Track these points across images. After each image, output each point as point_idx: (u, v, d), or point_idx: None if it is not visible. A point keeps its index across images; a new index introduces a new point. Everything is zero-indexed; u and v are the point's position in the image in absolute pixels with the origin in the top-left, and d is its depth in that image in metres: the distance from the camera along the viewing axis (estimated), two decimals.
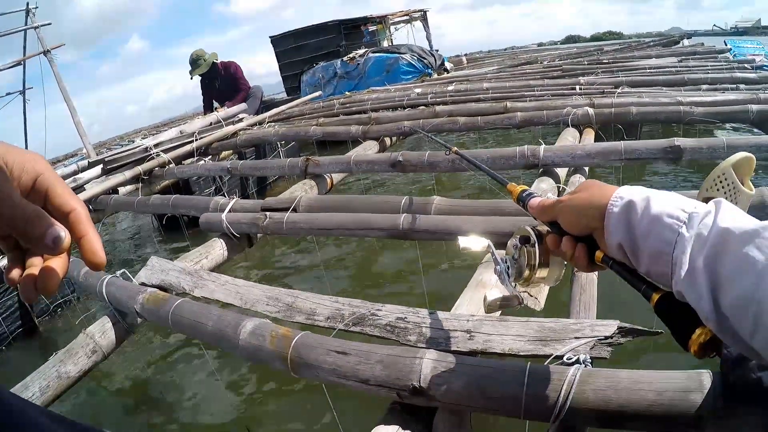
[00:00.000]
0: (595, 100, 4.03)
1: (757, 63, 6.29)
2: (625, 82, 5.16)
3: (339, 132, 4.54)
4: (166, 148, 4.68)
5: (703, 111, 3.46)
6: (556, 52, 12.24)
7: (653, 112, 3.63)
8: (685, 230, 0.64)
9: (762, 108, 3.39)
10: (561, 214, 0.83)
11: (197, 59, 7.52)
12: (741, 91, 4.30)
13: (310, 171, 3.38)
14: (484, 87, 5.83)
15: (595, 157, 2.69)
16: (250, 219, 2.58)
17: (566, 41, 40.75)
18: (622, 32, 43.86)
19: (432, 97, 5.62)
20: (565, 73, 6.63)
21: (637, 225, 0.70)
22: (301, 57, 12.72)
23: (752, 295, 0.54)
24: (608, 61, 7.56)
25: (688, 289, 0.63)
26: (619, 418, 1.00)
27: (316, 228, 2.43)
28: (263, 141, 5.15)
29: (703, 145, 2.60)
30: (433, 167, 2.97)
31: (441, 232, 2.12)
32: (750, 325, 0.55)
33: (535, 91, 5.13)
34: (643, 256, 0.71)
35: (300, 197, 2.65)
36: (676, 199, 0.69)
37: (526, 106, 4.23)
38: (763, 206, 1.93)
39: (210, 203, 2.87)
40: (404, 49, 10.42)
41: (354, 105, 6.02)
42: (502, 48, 22.96)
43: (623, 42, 15.01)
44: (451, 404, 1.14)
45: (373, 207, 2.44)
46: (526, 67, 8.42)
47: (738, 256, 0.57)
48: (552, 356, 1.19)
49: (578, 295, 1.59)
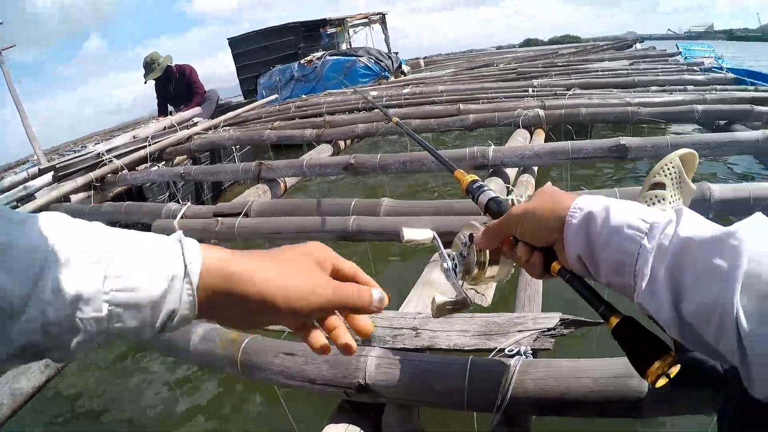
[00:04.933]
0: (546, 101, 4.11)
1: (706, 66, 6.42)
2: (577, 84, 5.26)
3: (293, 135, 4.53)
4: (119, 154, 4.57)
5: (650, 111, 3.56)
6: (513, 56, 12.32)
7: (602, 113, 3.72)
8: (646, 241, 0.63)
9: (707, 108, 3.49)
10: (516, 227, 0.80)
11: (151, 63, 7.39)
12: (688, 92, 4.39)
13: (263, 175, 3.37)
14: (439, 90, 5.86)
15: (543, 157, 2.74)
16: (203, 225, 2.56)
17: (524, 44, 40.98)
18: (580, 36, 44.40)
19: (387, 99, 5.65)
20: (519, 76, 6.72)
21: (596, 236, 0.69)
22: (259, 59, 12.57)
23: (715, 302, 0.54)
24: (562, 64, 7.69)
25: (649, 299, 0.63)
26: (560, 405, 1.03)
27: (268, 232, 2.43)
28: (218, 145, 5.09)
29: (647, 143, 2.67)
30: (385, 169, 3.00)
31: (389, 233, 2.14)
32: (715, 332, 0.55)
33: (489, 93, 5.19)
34: (603, 268, 0.70)
35: (252, 202, 2.64)
36: (637, 209, 0.68)
37: (478, 108, 4.28)
38: (703, 200, 2.01)
39: (162, 210, 2.84)
40: (362, 52, 10.41)
41: (310, 108, 6.01)
42: (462, 51, 22.99)
43: (579, 45, 15.18)
44: (397, 400, 1.16)
45: (323, 210, 2.45)
46: (483, 70, 8.51)
47: (700, 264, 0.57)
48: (496, 349, 1.21)
49: (523, 290, 1.61)
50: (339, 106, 5.77)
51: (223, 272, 0.56)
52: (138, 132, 5.53)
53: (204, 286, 0.55)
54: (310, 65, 10.08)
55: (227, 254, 0.58)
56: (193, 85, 7.68)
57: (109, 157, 4.43)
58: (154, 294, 0.52)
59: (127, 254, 0.52)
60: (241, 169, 3.54)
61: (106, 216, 3.34)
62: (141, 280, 0.51)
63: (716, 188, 2.05)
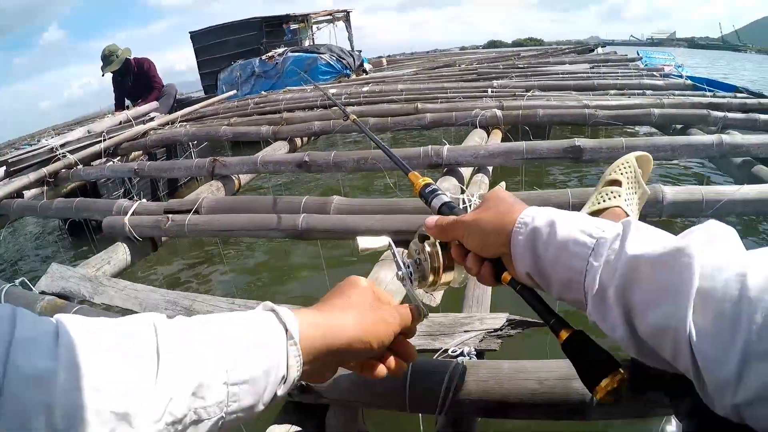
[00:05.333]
0: (504, 102, 4.11)
1: (665, 72, 6.51)
2: (536, 86, 5.29)
3: (249, 132, 4.47)
4: (73, 149, 4.44)
5: (607, 114, 3.58)
6: (476, 56, 12.37)
7: (559, 114, 3.74)
8: (593, 258, 0.62)
9: (664, 112, 3.55)
10: (464, 236, 0.79)
11: (110, 55, 7.21)
12: (647, 96, 4.45)
13: (217, 172, 3.31)
14: (399, 88, 5.85)
15: (498, 156, 2.74)
16: (153, 222, 2.50)
17: (488, 46, 41.38)
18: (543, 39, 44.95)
19: (346, 97, 5.61)
20: (480, 77, 6.73)
21: (543, 253, 0.68)
22: (221, 54, 12.40)
23: (668, 322, 0.53)
24: (523, 66, 7.71)
25: (602, 319, 0.62)
26: (504, 407, 1.01)
27: (217, 229, 2.39)
28: (174, 141, 5.00)
29: (602, 145, 2.69)
30: (339, 167, 2.97)
31: (339, 232, 2.12)
32: (671, 350, 0.54)
33: (448, 93, 5.19)
34: (554, 285, 0.69)
35: (202, 199, 2.60)
36: (583, 223, 0.66)
37: (436, 108, 4.27)
38: (656, 202, 2.02)
39: (113, 206, 2.78)
40: (323, 49, 10.37)
41: (268, 105, 5.94)
42: (426, 51, 23.10)
43: (541, 48, 15.32)
44: (339, 401, 1.13)
45: (275, 207, 2.42)
46: (444, 70, 8.51)
47: (650, 284, 0.56)
48: (440, 350, 1.20)
49: (471, 289, 1.61)
50: (298, 103, 5.71)
51: (318, 328, 0.63)
52: (93, 126, 5.37)
53: (305, 345, 0.61)
54: (271, 61, 10.00)
55: (312, 313, 0.66)
56: (152, 79, 7.56)
57: (62, 151, 4.30)
58: (266, 366, 0.56)
59: (231, 340, 0.56)
60: (194, 166, 3.48)
61: (58, 212, 3.28)
62: (251, 359, 0.55)
63: (669, 190, 2.07)
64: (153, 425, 0.45)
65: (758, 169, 2.76)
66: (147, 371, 0.47)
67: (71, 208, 3.10)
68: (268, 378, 0.56)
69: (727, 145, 2.68)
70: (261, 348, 0.57)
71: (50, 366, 0.43)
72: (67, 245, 5.01)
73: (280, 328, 0.60)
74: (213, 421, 0.51)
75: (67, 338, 0.45)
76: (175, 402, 0.48)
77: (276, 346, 0.58)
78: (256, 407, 0.56)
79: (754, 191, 2.06)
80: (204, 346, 0.53)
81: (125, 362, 0.47)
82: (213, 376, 0.51)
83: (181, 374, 0.49)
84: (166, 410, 0.47)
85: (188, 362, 0.50)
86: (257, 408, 0.57)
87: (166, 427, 0.47)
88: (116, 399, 0.44)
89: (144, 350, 0.49)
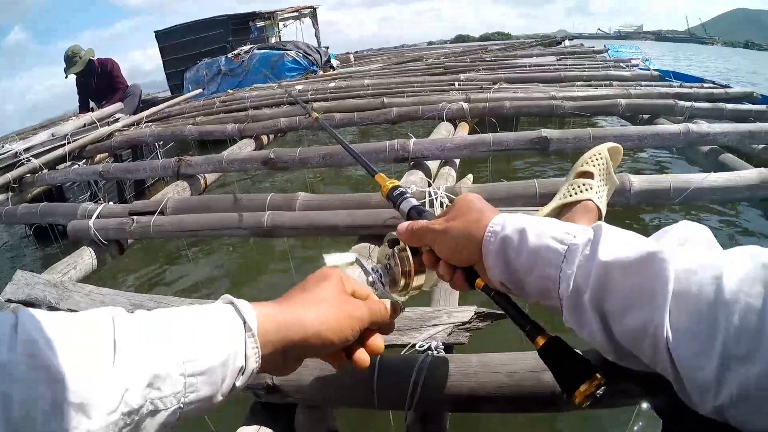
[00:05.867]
0: (471, 95, 4.12)
1: (632, 63, 6.56)
2: (503, 78, 5.31)
3: (215, 131, 4.42)
4: (38, 153, 4.36)
5: (574, 105, 3.60)
6: (443, 51, 12.39)
7: (526, 106, 3.74)
8: (566, 265, 0.62)
9: (630, 102, 3.60)
10: (435, 244, 0.78)
11: (73, 56, 7.07)
12: (614, 87, 4.48)
13: (183, 172, 3.25)
14: (365, 84, 5.84)
15: (464, 149, 2.73)
16: (117, 224, 2.45)
17: (456, 41, 41.61)
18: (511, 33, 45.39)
19: (312, 93, 5.58)
20: (447, 71, 6.74)
21: (515, 262, 0.68)
22: (187, 53, 12.21)
23: (645, 327, 0.53)
24: (490, 60, 7.73)
25: (579, 326, 0.62)
26: (473, 401, 1.00)
27: (182, 230, 2.35)
28: (139, 142, 4.91)
29: (569, 136, 2.70)
30: (305, 163, 2.94)
31: (305, 228, 2.10)
32: (649, 354, 0.55)
33: (415, 87, 5.20)
34: (528, 292, 0.69)
35: (167, 199, 2.55)
36: (553, 229, 0.66)
37: (403, 102, 4.27)
38: (623, 191, 2.04)
39: (78, 210, 2.73)
40: (290, 46, 10.32)
41: (234, 103, 5.89)
42: (394, 47, 23.14)
43: (508, 42, 15.39)
44: (307, 400, 1.11)
45: (240, 206, 2.38)
46: (410, 65, 8.49)
47: (625, 290, 0.56)
48: (408, 345, 1.18)
49: (440, 283, 1.59)
50: (265, 100, 5.67)
51: (275, 322, 0.63)
52: (57, 129, 5.26)
53: (262, 338, 0.61)
54: (237, 59, 9.94)
55: (270, 306, 0.65)
56: (116, 80, 7.43)
57: (26, 156, 4.21)
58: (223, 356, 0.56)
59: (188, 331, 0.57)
60: (160, 166, 3.42)
61: (22, 218, 3.20)
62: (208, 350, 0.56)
63: (636, 179, 2.08)
64: (108, 416, 0.46)
65: (725, 157, 2.79)
66: (103, 362, 0.48)
67: (36, 213, 3.03)
68: (226, 369, 0.57)
69: (694, 134, 2.70)
70: (219, 339, 0.57)
71: (8, 357, 0.43)
72: (34, 251, 4.92)
73: (238, 320, 0.60)
74: (170, 411, 0.52)
75: (26, 331, 0.46)
76: (131, 392, 0.48)
77: (234, 337, 0.58)
78: (215, 398, 0.57)
79: (722, 179, 2.08)
80: (161, 338, 0.53)
81: (82, 354, 0.47)
82: (169, 367, 0.52)
83: (136, 365, 0.49)
84: (122, 400, 0.47)
85: (144, 353, 0.51)
86: (216, 399, 0.57)
87: (122, 417, 0.47)
88: (73, 390, 0.44)
89: (101, 342, 0.49)
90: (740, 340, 0.46)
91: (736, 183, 2.07)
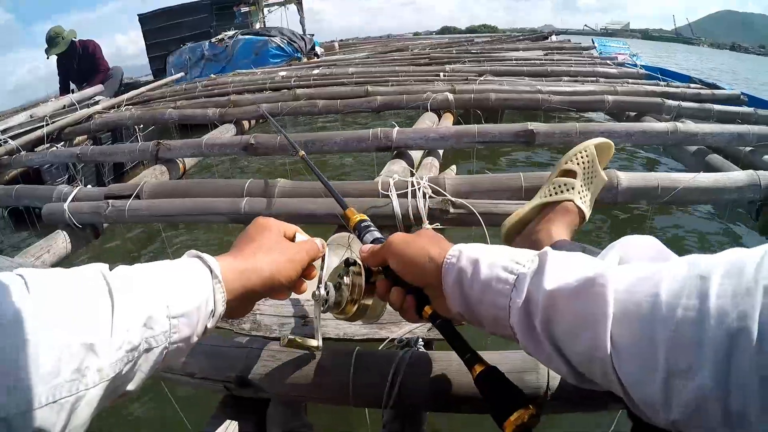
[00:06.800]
0: (456, 86, 4.10)
1: (619, 60, 6.57)
2: (489, 71, 5.31)
3: (196, 115, 4.37)
4: (15, 134, 4.27)
5: (561, 99, 3.60)
6: (429, 41, 12.37)
7: (512, 99, 3.74)
8: (515, 295, 0.63)
9: (617, 99, 3.60)
10: (393, 257, 0.80)
11: (55, 37, 7.02)
12: (600, 83, 4.47)
13: (161, 155, 3.21)
14: (350, 72, 5.80)
15: (449, 139, 2.71)
16: (92, 208, 2.39)
17: (442, 32, 41.75)
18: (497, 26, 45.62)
19: (296, 80, 5.53)
20: (432, 61, 6.72)
21: (470, 293, 0.68)
22: (170, 37, 12.07)
23: (591, 351, 0.54)
24: (477, 52, 7.70)
25: (536, 352, 0.63)
26: (452, 401, 0.97)
27: (158, 215, 2.31)
28: (119, 125, 4.84)
29: (555, 130, 2.69)
30: (285, 150, 2.90)
31: (283, 216, 2.02)
32: (600, 375, 0.55)
33: (400, 76, 5.18)
34: (483, 322, 0.70)
35: (143, 183, 2.49)
36: (503, 258, 0.67)
37: (387, 91, 4.24)
38: (611, 188, 2.02)
39: (53, 193, 2.66)
40: (274, 32, 10.24)
41: (217, 87, 5.82)
42: (379, 36, 23.14)
43: (495, 35, 15.40)
44: (279, 395, 1.07)
45: (217, 191, 2.34)
46: (396, 54, 8.47)
47: (569, 317, 0.57)
48: (387, 340, 1.16)
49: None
50: (247, 85, 5.62)
51: (236, 270, 0.72)
52: (36, 111, 5.17)
53: (227, 285, 0.70)
54: (221, 44, 9.85)
55: (230, 258, 0.75)
56: (97, 62, 7.37)
57: (3, 137, 4.12)
58: (198, 301, 0.65)
59: (167, 280, 0.64)
60: (138, 149, 3.36)
61: None
62: (185, 295, 0.63)
63: (624, 176, 2.07)
64: (115, 352, 0.52)
65: (712, 157, 2.78)
66: (104, 308, 0.54)
67: (11, 195, 2.96)
68: (200, 312, 0.65)
69: (682, 133, 2.70)
70: (192, 286, 0.65)
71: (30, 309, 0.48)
72: (10, 235, 4.84)
73: (206, 270, 0.68)
74: (159, 349, 0.59)
75: (35, 285, 0.51)
76: (132, 332, 0.55)
77: (204, 284, 0.67)
78: (192, 338, 0.65)
79: (710, 179, 2.08)
80: (147, 286, 0.60)
81: (85, 302, 0.53)
82: (158, 309, 0.59)
83: (133, 308, 0.56)
84: (125, 339, 0.54)
85: (137, 298, 0.57)
86: (192, 339, 0.65)
87: (126, 354, 0.54)
88: (82, 332, 0.50)
89: (98, 291, 0.55)
90: (681, 354, 0.46)
91: (724, 184, 2.07)
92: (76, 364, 0.49)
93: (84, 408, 0.50)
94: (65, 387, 0.48)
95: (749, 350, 0.42)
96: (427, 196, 1.92)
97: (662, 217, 3.20)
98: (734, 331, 0.43)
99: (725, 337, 0.43)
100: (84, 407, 0.50)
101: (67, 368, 0.48)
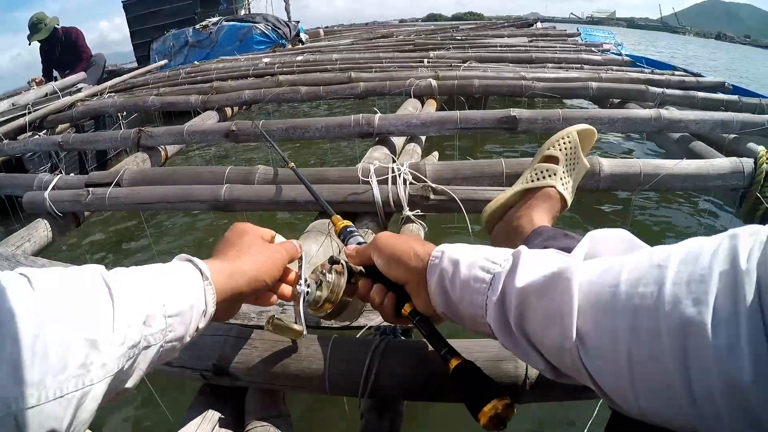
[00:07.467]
0: (440, 72, 4.09)
1: (604, 48, 6.57)
2: (473, 57, 5.29)
3: (178, 102, 4.33)
4: None
5: (544, 86, 3.59)
6: (414, 28, 12.33)
7: (495, 85, 3.74)
8: (491, 294, 0.65)
9: (601, 86, 3.59)
10: (378, 253, 0.84)
11: (38, 23, 6.96)
12: (584, 70, 4.47)
13: (143, 143, 3.18)
14: (334, 58, 5.77)
15: (431, 126, 2.70)
16: (73, 196, 2.37)
17: (427, 19, 41.68)
18: (483, 14, 45.68)
19: (279, 66, 5.48)
20: (416, 48, 6.68)
21: (451, 293, 0.71)
22: (154, 24, 11.90)
23: (561, 344, 0.55)
24: (461, 38, 7.67)
25: (514, 349, 0.64)
26: (429, 390, 0.98)
27: (139, 202, 2.28)
28: (102, 112, 4.80)
29: (538, 116, 2.69)
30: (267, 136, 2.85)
31: (264, 203, 2.05)
32: (572, 368, 0.56)
33: (383, 63, 5.16)
34: (464, 321, 0.72)
35: (124, 171, 2.46)
36: (480, 257, 0.70)
37: (370, 77, 4.23)
38: (593, 174, 2.02)
39: (34, 181, 2.63)
40: (259, 19, 10.15)
41: (200, 74, 5.77)
42: (364, 23, 23.01)
43: (480, 22, 15.36)
44: (256, 383, 1.07)
45: (197, 178, 2.32)
46: (380, 41, 8.45)
47: (539, 313, 0.59)
48: (365, 327, 1.17)
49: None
50: (230, 72, 5.57)
51: (224, 272, 0.76)
52: (17, 98, 5.11)
53: (216, 287, 0.73)
54: (205, 31, 9.76)
55: (218, 262, 0.79)
56: (80, 49, 7.31)
57: None
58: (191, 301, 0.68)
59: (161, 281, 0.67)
60: (120, 137, 3.33)
61: None
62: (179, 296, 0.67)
63: (606, 162, 2.07)
64: (118, 348, 0.55)
65: (695, 144, 2.78)
66: (105, 305, 0.56)
67: None
68: (193, 312, 0.68)
69: (665, 119, 2.70)
70: (185, 287, 0.69)
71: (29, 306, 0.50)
72: None
73: (197, 273, 0.72)
74: (157, 347, 0.62)
75: (38, 284, 0.53)
76: (132, 329, 0.58)
77: (196, 285, 0.70)
78: (185, 338, 0.68)
79: (693, 166, 2.08)
80: (144, 286, 0.63)
81: (86, 300, 0.56)
82: (155, 308, 0.62)
83: (133, 307, 0.59)
84: (126, 335, 0.56)
85: (136, 298, 0.60)
86: (185, 338, 0.68)
87: (127, 350, 0.57)
88: (85, 328, 0.52)
89: (98, 290, 0.58)
90: (640, 342, 0.47)
91: (707, 171, 2.07)
92: (81, 359, 0.51)
93: (90, 403, 0.52)
94: (72, 382, 0.50)
95: (703, 335, 0.42)
96: (408, 183, 1.91)
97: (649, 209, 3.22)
98: (687, 317, 0.43)
99: (679, 323, 0.44)
100: (90, 402, 0.52)
101: (73, 363, 0.50)
